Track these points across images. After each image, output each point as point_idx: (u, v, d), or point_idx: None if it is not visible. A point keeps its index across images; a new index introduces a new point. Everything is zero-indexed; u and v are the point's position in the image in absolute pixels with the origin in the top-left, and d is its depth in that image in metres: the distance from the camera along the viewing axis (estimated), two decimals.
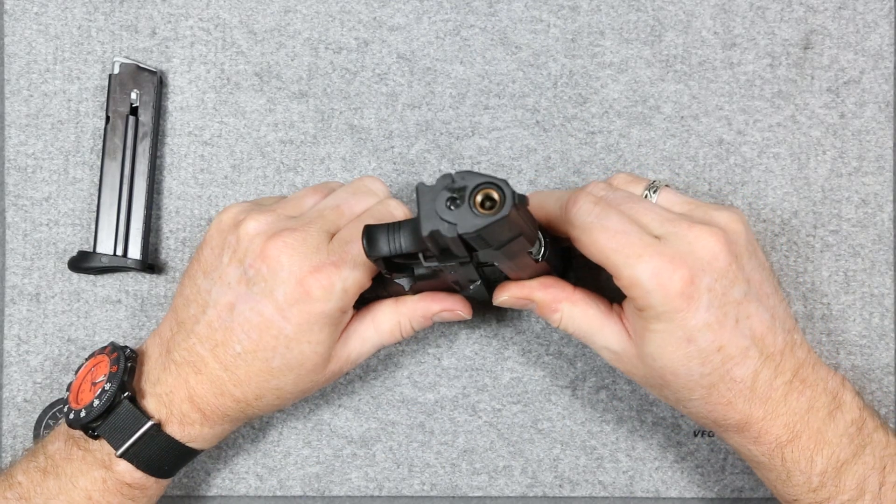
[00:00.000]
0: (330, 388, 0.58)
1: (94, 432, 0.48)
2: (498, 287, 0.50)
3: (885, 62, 0.57)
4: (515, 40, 0.58)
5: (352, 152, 0.58)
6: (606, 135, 0.58)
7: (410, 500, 0.58)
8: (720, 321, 0.45)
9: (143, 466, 0.49)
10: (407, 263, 0.47)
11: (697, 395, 0.47)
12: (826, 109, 0.57)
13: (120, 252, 0.56)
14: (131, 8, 0.58)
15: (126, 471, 0.48)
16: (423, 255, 0.44)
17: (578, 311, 0.49)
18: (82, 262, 0.56)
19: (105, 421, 0.48)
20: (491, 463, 0.58)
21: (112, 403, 0.48)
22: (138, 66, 0.57)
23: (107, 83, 0.57)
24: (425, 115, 0.58)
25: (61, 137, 0.58)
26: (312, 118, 0.58)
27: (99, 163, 0.57)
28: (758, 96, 0.57)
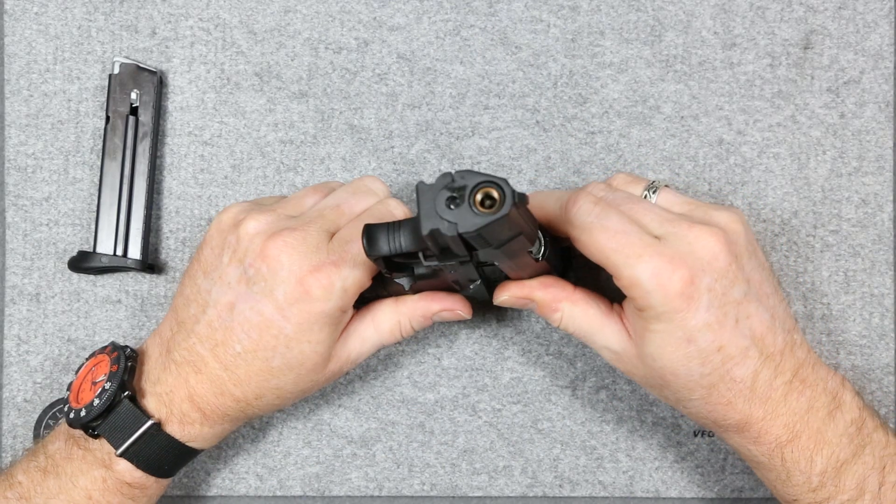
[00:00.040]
0: (330, 388, 0.58)
1: (94, 431, 0.48)
2: (498, 287, 0.50)
3: (885, 62, 0.57)
4: (515, 40, 0.58)
5: (352, 152, 0.58)
6: (606, 135, 0.58)
7: (410, 500, 0.58)
8: (720, 321, 0.45)
9: (143, 466, 0.49)
10: (407, 263, 0.47)
11: (697, 396, 0.47)
12: (826, 109, 0.57)
13: (120, 252, 0.56)
14: (131, 8, 0.58)
15: (126, 470, 0.48)
16: (423, 255, 0.44)
17: (579, 310, 0.49)
18: (82, 262, 0.56)
19: (105, 420, 0.48)
20: (491, 463, 0.58)
21: (112, 403, 0.48)
22: (138, 66, 0.57)
23: (107, 83, 0.57)
24: (425, 115, 0.58)
25: (61, 137, 0.58)
26: (312, 118, 0.58)
27: (99, 163, 0.57)
28: (758, 96, 0.57)
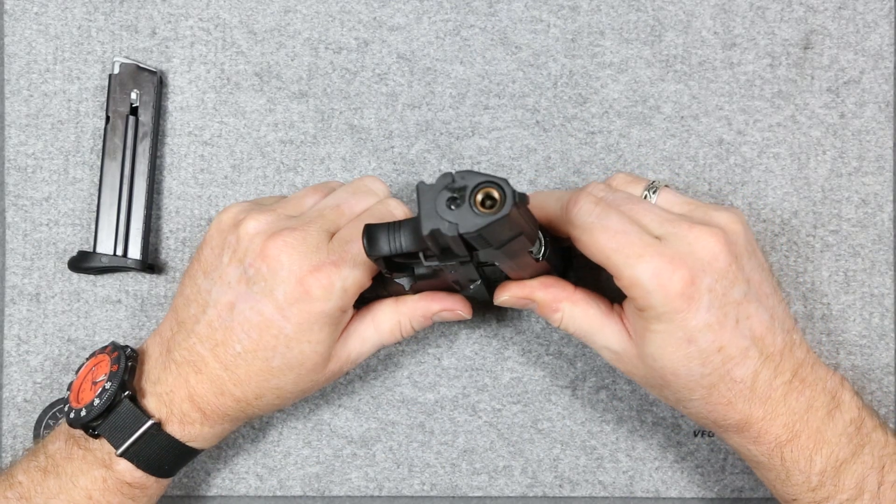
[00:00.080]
0: (330, 388, 0.58)
1: (94, 431, 0.48)
2: (498, 287, 0.50)
3: (885, 62, 0.57)
4: (515, 40, 0.58)
5: (352, 152, 0.58)
6: (606, 135, 0.58)
7: (410, 500, 0.58)
8: (720, 322, 0.45)
9: (143, 466, 0.49)
10: (407, 263, 0.47)
11: (698, 396, 0.47)
12: (826, 109, 0.57)
13: (120, 252, 0.56)
14: (131, 8, 0.58)
15: (126, 470, 0.48)
16: (424, 255, 0.44)
17: (579, 310, 0.49)
18: (82, 262, 0.56)
19: (105, 420, 0.48)
20: (491, 463, 0.58)
21: (112, 402, 0.48)
22: (138, 66, 0.57)
23: (107, 83, 0.57)
24: (425, 115, 0.58)
25: (61, 137, 0.58)
26: (312, 118, 0.58)
27: (99, 163, 0.57)
28: (758, 96, 0.57)
